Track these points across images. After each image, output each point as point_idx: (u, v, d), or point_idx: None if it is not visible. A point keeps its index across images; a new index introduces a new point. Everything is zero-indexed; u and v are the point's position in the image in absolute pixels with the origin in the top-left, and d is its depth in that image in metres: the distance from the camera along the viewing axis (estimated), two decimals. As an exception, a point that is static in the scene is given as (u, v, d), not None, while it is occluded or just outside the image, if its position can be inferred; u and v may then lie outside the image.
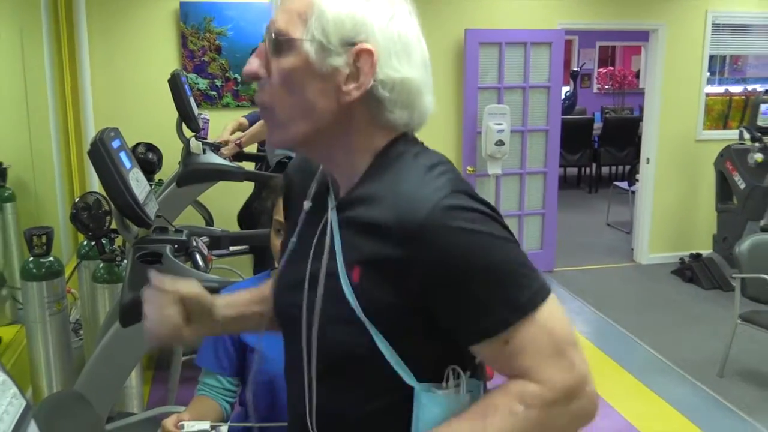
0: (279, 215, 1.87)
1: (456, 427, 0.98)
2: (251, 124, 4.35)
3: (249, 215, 4.65)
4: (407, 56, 1.02)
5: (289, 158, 2.21)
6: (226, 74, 5.53)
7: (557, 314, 1.00)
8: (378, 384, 1.03)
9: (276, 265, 1.96)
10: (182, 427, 1.49)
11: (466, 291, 0.96)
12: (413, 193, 0.98)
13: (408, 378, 1.01)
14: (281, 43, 1.01)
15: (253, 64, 1.05)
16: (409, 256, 0.96)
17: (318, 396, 1.08)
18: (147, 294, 1.20)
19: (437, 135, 5.89)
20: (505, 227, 1.01)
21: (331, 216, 1.08)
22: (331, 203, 1.10)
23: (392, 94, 1.02)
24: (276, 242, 1.88)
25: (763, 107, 5.90)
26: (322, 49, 0.99)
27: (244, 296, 1.35)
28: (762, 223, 5.96)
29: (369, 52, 0.98)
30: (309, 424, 1.09)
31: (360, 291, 1.00)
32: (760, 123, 5.90)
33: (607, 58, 12.80)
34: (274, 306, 1.24)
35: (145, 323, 1.20)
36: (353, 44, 0.99)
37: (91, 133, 5.00)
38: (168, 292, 1.18)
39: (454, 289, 0.97)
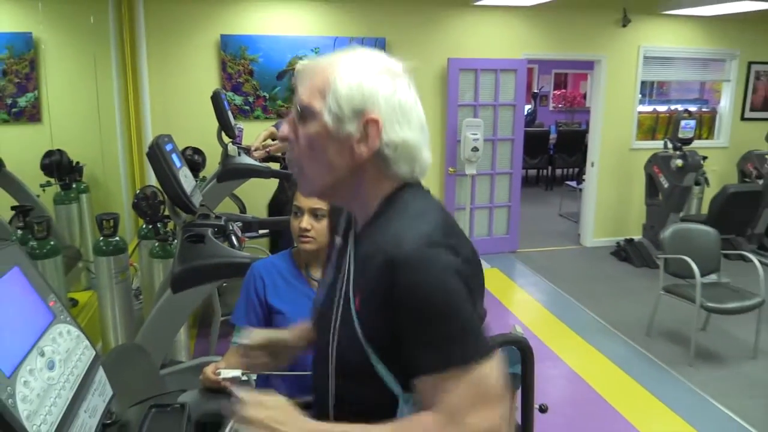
0: (298, 201, 1.85)
1: (379, 428, 0.95)
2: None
3: (275, 205, 4.64)
4: (407, 121, 1.01)
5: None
6: (257, 93, 5.50)
7: (491, 373, 0.93)
8: (377, 389, 1.00)
9: (295, 245, 1.95)
10: (219, 373, 1.48)
11: (419, 329, 0.92)
12: (399, 236, 0.94)
13: (395, 388, 0.99)
14: (306, 114, 1.00)
15: (285, 130, 1.04)
16: (387, 287, 0.93)
17: (335, 389, 1.07)
18: (243, 348, 1.32)
19: (425, 142, 5.88)
20: (468, 281, 0.95)
21: (350, 249, 1.07)
22: (351, 238, 1.09)
23: (396, 152, 1.00)
24: (294, 224, 1.87)
25: (683, 123, 5.89)
26: (337, 119, 0.98)
27: (304, 329, 1.35)
28: (681, 214, 5.98)
29: (375, 120, 0.97)
30: (329, 408, 1.09)
31: (360, 316, 0.98)
32: (680, 135, 5.89)
33: (561, 82, 12.75)
34: (312, 319, 1.23)
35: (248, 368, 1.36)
36: (362, 114, 0.98)
37: (149, 138, 4.99)
38: (256, 347, 1.31)
39: (411, 324, 0.93)
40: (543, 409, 1.90)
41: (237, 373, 1.48)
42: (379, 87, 0.98)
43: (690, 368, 3.90)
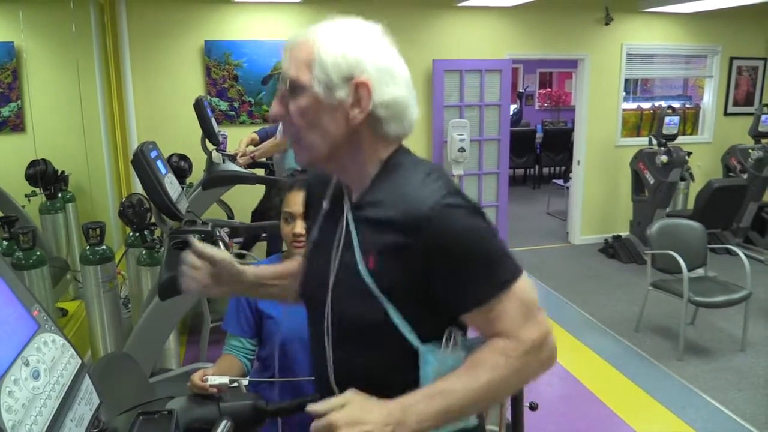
0: (288, 207, 1.85)
1: (454, 379, 0.99)
2: (261, 137, 4.30)
3: (260, 211, 4.63)
4: (393, 79, 1.04)
5: (298, 171, 2.17)
6: (242, 98, 5.49)
7: (526, 286, 1.03)
8: (389, 347, 1.04)
9: (284, 248, 1.95)
10: (207, 380, 1.47)
11: (460, 271, 0.99)
12: (416, 195, 1.00)
13: (414, 341, 1.03)
14: (295, 88, 1.02)
15: (275, 108, 1.06)
16: (414, 244, 0.98)
17: (339, 358, 1.08)
18: (186, 255, 1.22)
19: (412, 144, 5.84)
20: (488, 220, 1.03)
21: (348, 216, 1.08)
22: (347, 206, 1.10)
23: (387, 111, 1.03)
24: (286, 229, 1.86)
25: (666, 119, 5.94)
26: (327, 88, 1.00)
27: (268, 270, 1.35)
28: (667, 210, 6.02)
29: (365, 82, 1.00)
30: (332, 382, 1.09)
31: (375, 273, 1.01)
32: (664, 132, 5.93)
33: (546, 81, 12.82)
34: (302, 289, 1.22)
35: (181, 278, 1.22)
36: (351, 79, 1.00)
37: (134, 145, 4.96)
38: (202, 254, 1.20)
39: (449, 270, 0.99)
40: (533, 407, 1.92)
41: (224, 379, 1.48)
42: (362, 51, 1.01)
43: (679, 362, 3.93)
